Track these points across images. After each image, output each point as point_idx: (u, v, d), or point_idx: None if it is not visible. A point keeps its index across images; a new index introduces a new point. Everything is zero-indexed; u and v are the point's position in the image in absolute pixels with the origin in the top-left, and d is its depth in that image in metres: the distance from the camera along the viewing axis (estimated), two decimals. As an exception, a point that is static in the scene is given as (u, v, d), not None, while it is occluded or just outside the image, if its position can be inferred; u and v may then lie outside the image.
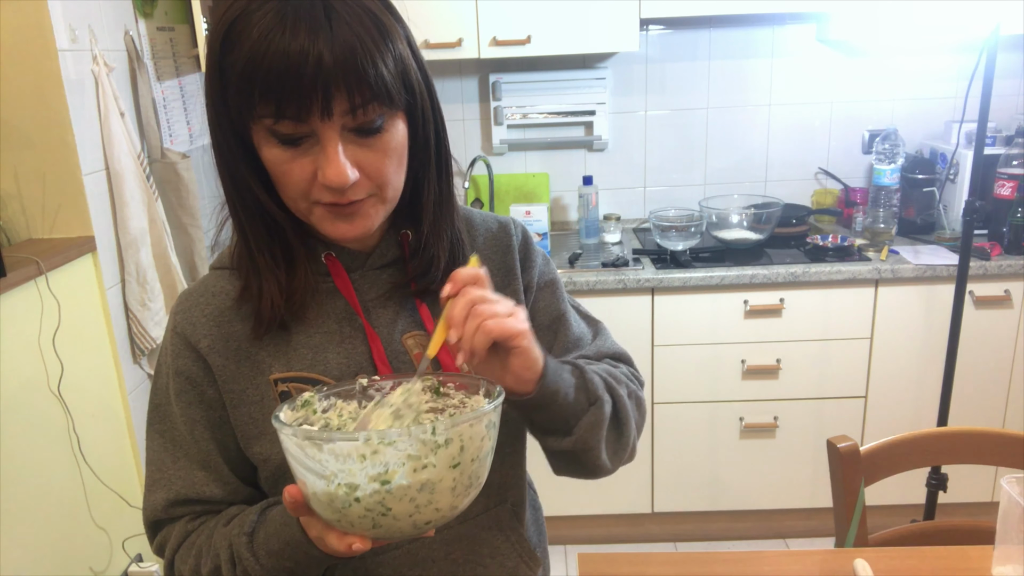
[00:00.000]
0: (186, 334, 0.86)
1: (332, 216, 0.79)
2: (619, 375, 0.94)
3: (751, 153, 2.80)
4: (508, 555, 0.95)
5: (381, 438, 0.63)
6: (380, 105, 0.74)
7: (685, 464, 2.49)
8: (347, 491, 0.65)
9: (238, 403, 0.86)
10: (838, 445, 1.29)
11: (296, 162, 0.75)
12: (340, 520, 0.68)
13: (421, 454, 0.64)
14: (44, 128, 1.75)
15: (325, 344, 0.86)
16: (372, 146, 0.76)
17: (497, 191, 2.77)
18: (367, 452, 0.63)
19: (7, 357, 1.58)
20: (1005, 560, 1.01)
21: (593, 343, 0.99)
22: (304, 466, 0.66)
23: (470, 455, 0.67)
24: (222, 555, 0.81)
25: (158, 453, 0.89)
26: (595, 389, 0.86)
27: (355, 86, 0.71)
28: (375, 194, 0.79)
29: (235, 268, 0.87)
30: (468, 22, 2.33)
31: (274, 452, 0.85)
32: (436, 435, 0.65)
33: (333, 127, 0.73)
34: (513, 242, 0.97)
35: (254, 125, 0.75)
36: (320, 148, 0.74)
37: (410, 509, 0.66)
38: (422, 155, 0.84)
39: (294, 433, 0.66)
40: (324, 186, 0.75)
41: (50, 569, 1.69)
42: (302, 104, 0.70)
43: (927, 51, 2.66)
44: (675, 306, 2.34)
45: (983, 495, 2.46)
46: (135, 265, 1.95)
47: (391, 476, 0.64)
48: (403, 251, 0.89)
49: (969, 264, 2.03)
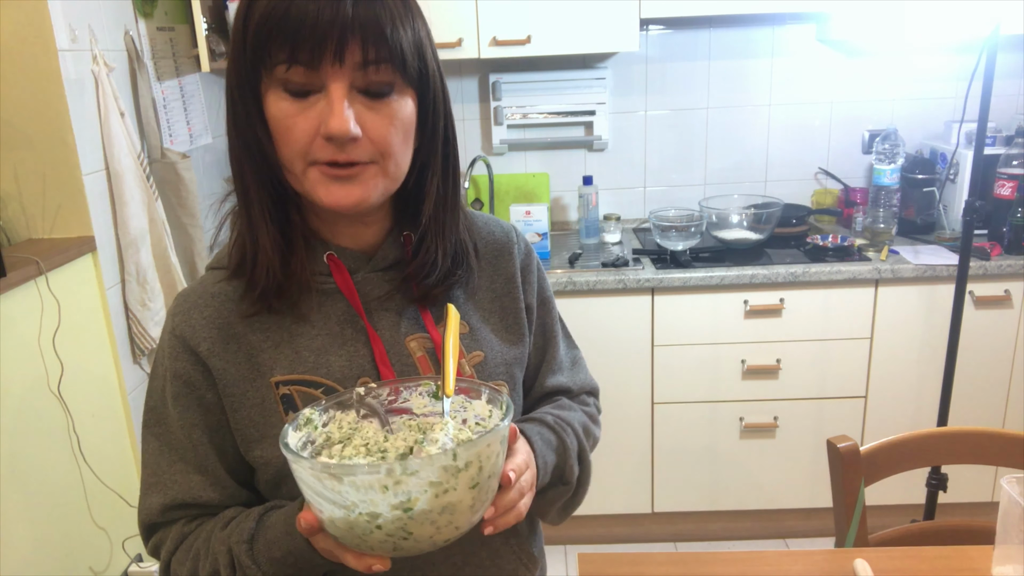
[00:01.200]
0: (185, 336, 0.85)
1: (328, 180, 0.77)
2: (592, 428, 1.01)
3: (751, 153, 2.80)
4: (506, 556, 0.95)
5: (403, 469, 0.63)
6: (393, 69, 0.75)
7: (685, 464, 2.49)
8: (368, 519, 0.64)
9: (238, 406, 0.85)
10: (838, 445, 1.29)
11: (301, 115, 0.75)
12: (360, 544, 0.67)
13: (443, 479, 0.64)
14: (44, 128, 1.75)
15: (327, 346, 0.86)
16: (378, 110, 0.76)
17: (497, 191, 2.77)
18: (389, 483, 0.63)
19: (7, 357, 1.58)
20: (1005, 560, 1.01)
21: (574, 374, 1.05)
22: (321, 496, 0.65)
23: (487, 472, 0.68)
24: (221, 560, 0.81)
25: (154, 456, 0.88)
26: (570, 473, 0.93)
27: (371, 40, 0.73)
28: (376, 162, 0.78)
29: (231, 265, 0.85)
30: (468, 22, 2.33)
31: (275, 456, 0.84)
32: (457, 460, 0.64)
33: (342, 79, 0.74)
34: (515, 250, 0.98)
35: (266, 79, 0.76)
36: (327, 103, 0.74)
37: (431, 531, 0.66)
38: (429, 145, 0.84)
39: (311, 466, 0.64)
40: (325, 139, 0.75)
41: (50, 569, 1.69)
42: (315, 48, 0.72)
43: (927, 51, 2.66)
44: (675, 306, 2.33)
45: (983, 495, 2.45)
46: (135, 265, 1.95)
47: (413, 503, 0.64)
48: (406, 253, 0.89)
49: (969, 264, 2.03)
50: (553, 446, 0.91)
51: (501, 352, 0.94)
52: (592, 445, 1.01)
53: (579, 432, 0.96)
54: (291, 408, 0.84)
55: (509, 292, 0.96)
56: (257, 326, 0.85)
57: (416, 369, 0.88)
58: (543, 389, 1.02)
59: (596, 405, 1.07)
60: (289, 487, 0.84)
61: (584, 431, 0.98)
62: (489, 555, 0.94)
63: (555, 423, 0.94)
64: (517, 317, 0.96)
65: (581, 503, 0.99)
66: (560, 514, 0.98)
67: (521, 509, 0.78)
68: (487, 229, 0.98)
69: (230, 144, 0.82)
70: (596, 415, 1.05)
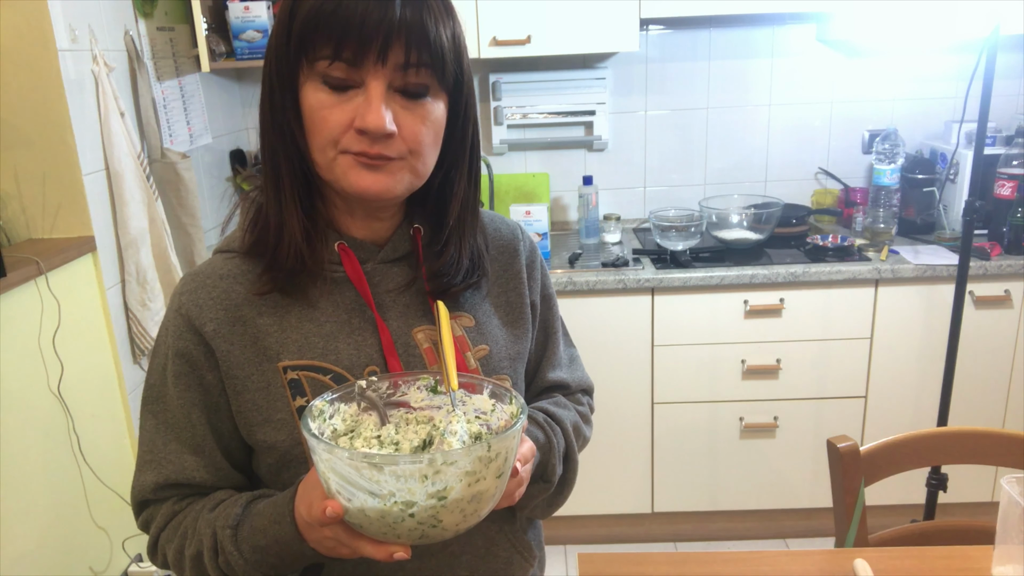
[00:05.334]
0: (191, 316, 0.85)
1: (358, 167, 0.79)
2: (582, 428, 1.03)
3: (751, 153, 2.80)
4: (504, 548, 0.96)
5: (444, 459, 0.66)
6: (431, 73, 0.77)
7: (685, 464, 2.49)
8: (403, 508, 0.67)
9: (241, 389, 0.85)
10: (838, 445, 1.29)
11: (337, 108, 0.77)
12: (387, 533, 0.69)
13: (477, 469, 0.68)
14: (44, 128, 1.75)
15: (336, 333, 0.86)
16: (413, 110, 0.79)
17: (497, 191, 2.77)
18: (429, 472, 0.66)
19: (7, 357, 1.58)
20: (1005, 560, 1.01)
21: (572, 371, 1.07)
22: (355, 485, 0.67)
23: (509, 464, 0.72)
24: (205, 542, 0.82)
25: (150, 434, 0.88)
26: (551, 472, 0.93)
27: (414, 43, 0.75)
28: (405, 158, 0.80)
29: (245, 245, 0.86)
30: (468, 22, 2.33)
31: (279, 440, 0.84)
32: (491, 451, 0.68)
33: (382, 78, 0.76)
34: (520, 247, 1.00)
35: (306, 69, 0.77)
36: (364, 99, 0.76)
37: (458, 519, 0.69)
38: (457, 149, 0.87)
39: (351, 456, 0.67)
40: (359, 132, 0.76)
41: (50, 569, 1.69)
42: (360, 47, 0.74)
43: (927, 51, 2.66)
44: (675, 306, 2.34)
45: (983, 495, 2.45)
46: (135, 265, 1.95)
47: (448, 492, 0.67)
48: (415, 246, 0.90)
49: (969, 264, 2.03)
50: (540, 443, 0.92)
51: (506, 347, 0.95)
52: (582, 445, 1.02)
53: (568, 431, 0.98)
54: (299, 393, 0.85)
55: (515, 288, 0.98)
56: (264, 310, 0.86)
57: (422, 360, 0.89)
58: (542, 384, 1.04)
59: (590, 404, 1.09)
60: (292, 473, 0.85)
61: (574, 430, 1.00)
62: (485, 544, 0.95)
63: (544, 421, 0.96)
64: (522, 313, 0.98)
65: (566, 501, 1.00)
66: (543, 510, 0.99)
67: (516, 497, 0.81)
68: (493, 227, 1.00)
69: (262, 128, 0.83)
70: (589, 415, 1.07)
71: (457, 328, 0.91)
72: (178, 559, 0.86)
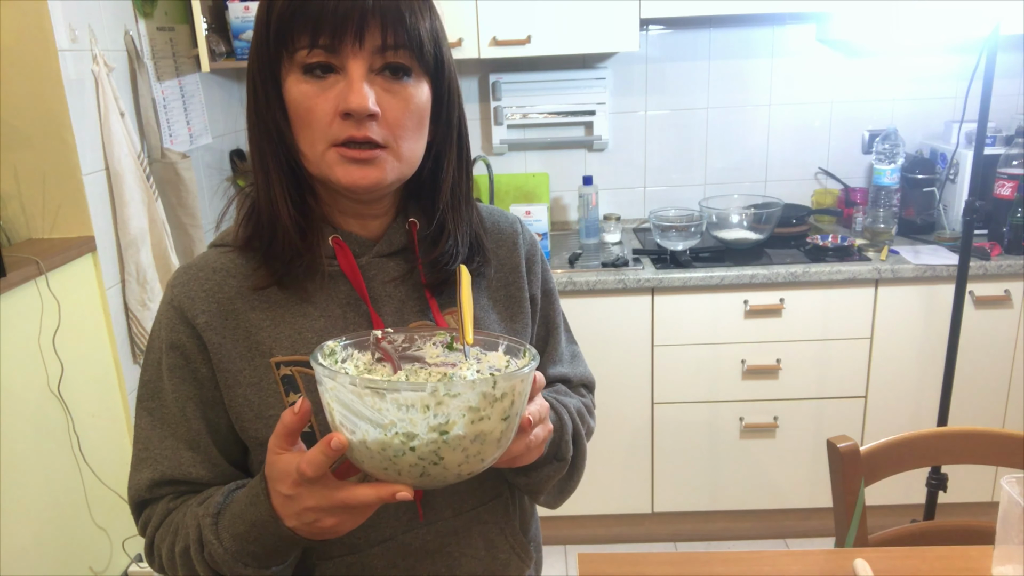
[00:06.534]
0: (183, 308, 0.84)
1: (346, 161, 0.79)
2: (587, 417, 1.02)
3: (751, 153, 2.81)
4: (501, 548, 0.96)
5: (447, 389, 0.65)
6: (410, 55, 0.78)
7: (685, 464, 2.49)
8: (403, 440, 0.65)
9: (233, 384, 0.84)
10: (838, 445, 1.29)
11: (321, 96, 0.77)
12: (387, 469, 0.68)
13: (481, 406, 0.66)
14: (44, 128, 1.75)
15: (330, 328, 0.86)
16: (395, 92, 0.79)
17: (497, 191, 2.77)
18: (431, 403, 0.65)
19: (7, 357, 1.58)
20: (1005, 560, 1.01)
21: (574, 367, 1.06)
22: (358, 414, 0.66)
23: (516, 409, 0.70)
24: (191, 535, 0.80)
25: (145, 431, 0.87)
26: (565, 448, 0.93)
27: (390, 25, 0.76)
28: (390, 145, 0.80)
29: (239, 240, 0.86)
30: (468, 22, 2.33)
31: (270, 435, 0.84)
32: (496, 389, 0.67)
33: (361, 60, 0.76)
34: (520, 241, 1.00)
35: (287, 63, 0.78)
36: (346, 82, 0.77)
37: (460, 459, 0.68)
38: (444, 134, 0.87)
39: (353, 380, 0.65)
40: (343, 115, 0.77)
41: (50, 569, 1.69)
42: (336, 32, 0.75)
43: (927, 51, 2.66)
44: (675, 306, 2.34)
45: (983, 495, 2.46)
46: (135, 265, 1.95)
47: (450, 427, 0.65)
48: (411, 240, 0.90)
49: (969, 264, 2.03)
50: (551, 421, 0.91)
51: None
52: (587, 434, 1.02)
53: (574, 415, 0.97)
54: (292, 389, 0.84)
55: (514, 282, 0.97)
56: (257, 304, 0.85)
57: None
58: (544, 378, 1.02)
59: (592, 399, 1.08)
60: None
61: (579, 416, 0.99)
62: (485, 546, 0.94)
63: (554, 402, 0.95)
64: (521, 307, 0.98)
65: (575, 488, 0.99)
66: (555, 497, 0.98)
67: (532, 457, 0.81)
68: (492, 220, 0.99)
69: (249, 128, 0.84)
70: (591, 407, 1.07)
71: (453, 322, 0.91)
72: (171, 557, 0.84)
